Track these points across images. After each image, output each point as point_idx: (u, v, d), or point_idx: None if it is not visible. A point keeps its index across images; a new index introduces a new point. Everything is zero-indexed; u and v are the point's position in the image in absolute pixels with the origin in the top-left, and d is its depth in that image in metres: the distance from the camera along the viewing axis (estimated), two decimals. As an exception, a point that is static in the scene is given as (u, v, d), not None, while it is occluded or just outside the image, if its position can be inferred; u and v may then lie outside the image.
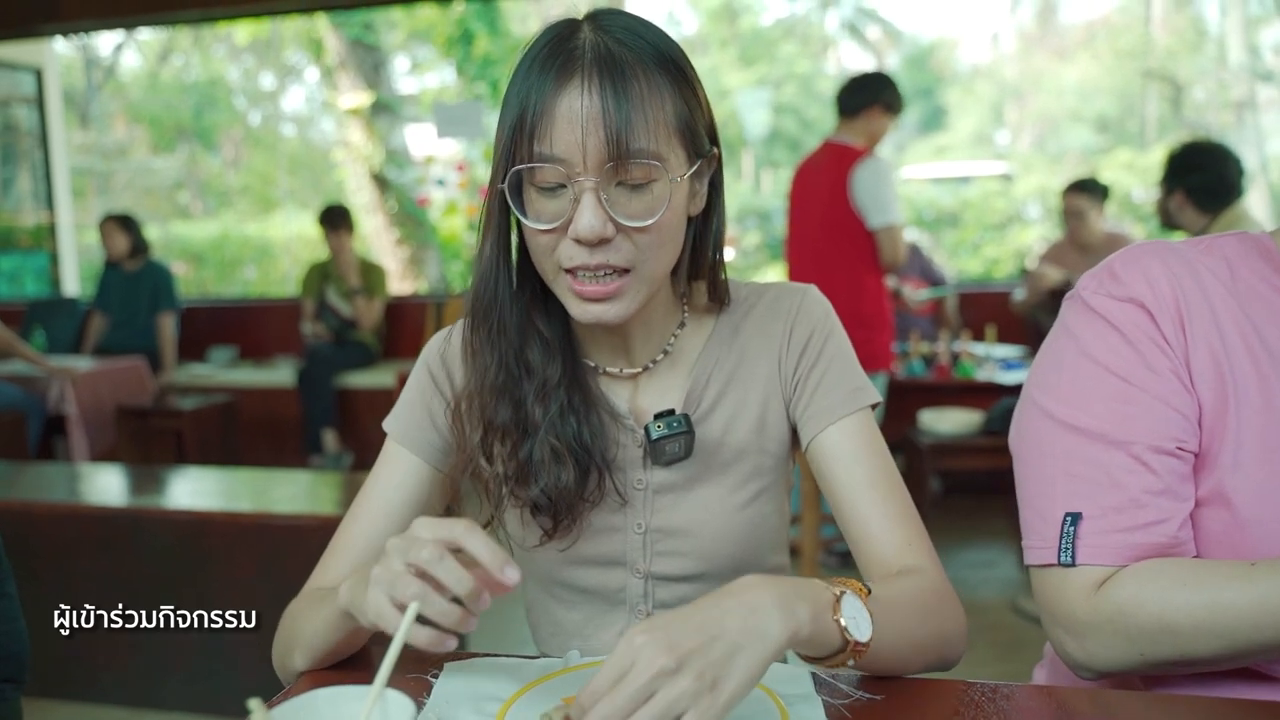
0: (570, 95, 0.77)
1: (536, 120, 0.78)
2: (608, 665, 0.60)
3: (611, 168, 0.77)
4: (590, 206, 0.77)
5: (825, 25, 14.09)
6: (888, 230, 3.08)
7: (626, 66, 0.77)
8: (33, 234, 6.61)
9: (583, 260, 0.79)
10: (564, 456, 0.87)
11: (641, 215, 0.79)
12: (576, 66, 0.77)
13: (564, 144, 0.77)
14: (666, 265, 0.84)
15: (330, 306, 4.91)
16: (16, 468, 3.15)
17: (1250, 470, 0.79)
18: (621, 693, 0.59)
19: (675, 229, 0.83)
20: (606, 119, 0.76)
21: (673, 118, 0.80)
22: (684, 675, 0.59)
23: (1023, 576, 3.20)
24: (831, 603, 0.70)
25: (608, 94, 0.76)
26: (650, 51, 0.80)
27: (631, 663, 0.59)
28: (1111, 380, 0.83)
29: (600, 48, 0.78)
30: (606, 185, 0.78)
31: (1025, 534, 0.87)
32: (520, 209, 0.81)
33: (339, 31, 8.98)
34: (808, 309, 0.94)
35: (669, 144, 0.80)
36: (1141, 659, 0.78)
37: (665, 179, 0.79)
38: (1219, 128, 10.32)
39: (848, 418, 0.91)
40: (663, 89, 0.79)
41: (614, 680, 0.59)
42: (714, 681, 0.60)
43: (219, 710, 2.38)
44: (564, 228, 0.79)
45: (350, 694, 0.64)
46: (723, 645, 0.61)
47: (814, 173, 3.26)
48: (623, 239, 0.79)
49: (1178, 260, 0.85)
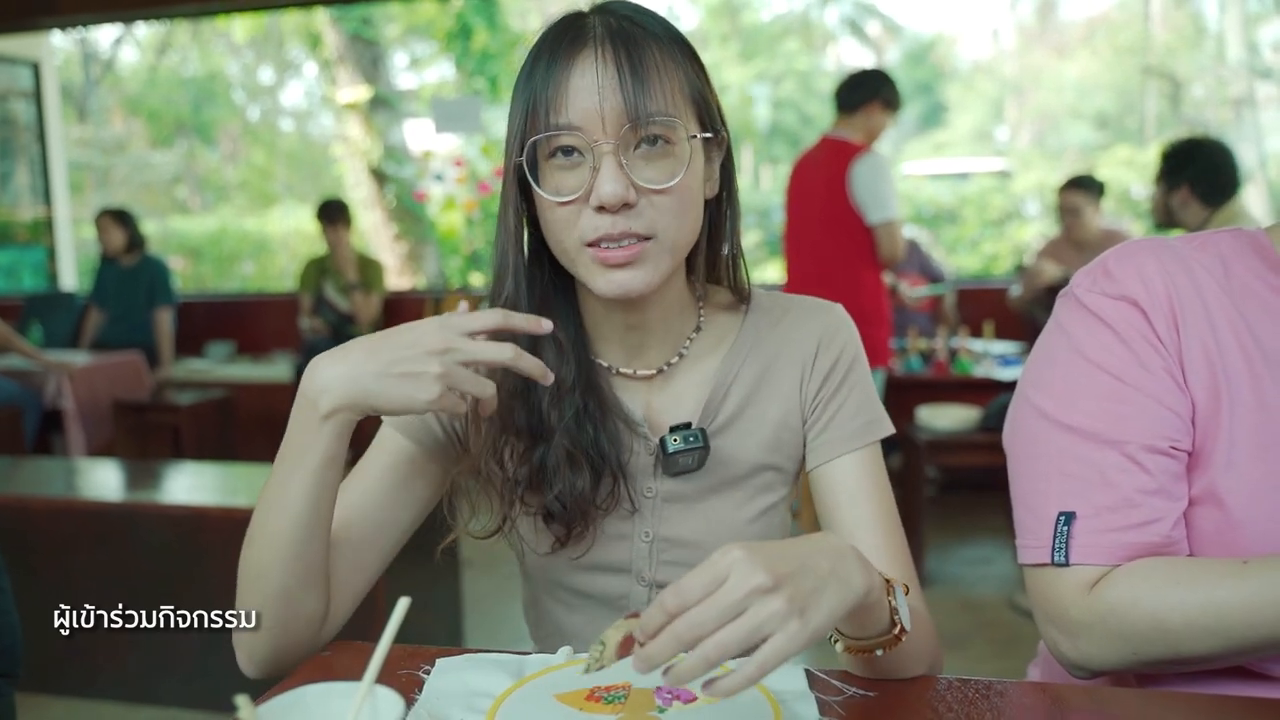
0: (583, 64, 0.78)
1: (552, 94, 0.78)
2: (697, 575, 0.59)
3: (629, 129, 0.77)
4: (611, 170, 0.77)
5: (825, 21, 14.07)
6: (886, 226, 3.08)
7: (639, 37, 0.79)
8: (30, 228, 6.60)
9: (605, 230, 0.78)
10: (579, 462, 0.86)
11: (661, 178, 0.79)
12: (588, 39, 0.79)
13: (580, 112, 0.77)
14: (688, 234, 0.83)
15: (328, 301, 4.91)
16: (13, 462, 3.15)
17: (1243, 470, 0.79)
18: (715, 604, 0.57)
19: (694, 195, 0.83)
20: (623, 82, 0.77)
21: (686, 85, 0.81)
22: (777, 596, 0.58)
23: (1019, 573, 3.20)
24: (885, 585, 0.71)
25: (622, 60, 0.77)
26: (661, 28, 0.82)
27: (726, 575, 0.58)
28: (1105, 379, 0.83)
29: (611, 24, 0.80)
30: (625, 150, 0.78)
31: (1019, 533, 0.87)
32: (538, 185, 0.81)
33: (338, 26, 8.96)
34: (837, 330, 0.93)
35: (684, 109, 0.81)
36: (1135, 658, 0.78)
37: (683, 140, 0.80)
38: (1218, 124, 10.31)
39: (858, 451, 0.91)
40: (675, 58, 0.81)
41: (705, 590, 0.58)
42: (803, 609, 0.59)
43: (214, 706, 2.38)
44: (584, 198, 0.79)
45: (340, 690, 0.63)
46: (814, 578, 0.61)
47: (812, 168, 3.26)
48: (644, 204, 0.79)
49: (1172, 257, 0.85)
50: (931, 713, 0.72)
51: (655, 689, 0.75)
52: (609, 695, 0.74)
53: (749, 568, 0.58)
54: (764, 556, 0.59)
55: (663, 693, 0.74)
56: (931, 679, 0.79)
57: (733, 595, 0.57)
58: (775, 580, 0.58)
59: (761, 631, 0.57)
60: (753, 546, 0.60)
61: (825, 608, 0.61)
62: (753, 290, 0.95)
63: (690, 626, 0.57)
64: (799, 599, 0.59)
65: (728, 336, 0.94)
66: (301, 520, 0.78)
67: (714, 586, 0.58)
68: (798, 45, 13.81)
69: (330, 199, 5.00)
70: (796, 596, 0.59)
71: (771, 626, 0.57)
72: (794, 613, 0.58)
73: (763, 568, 0.58)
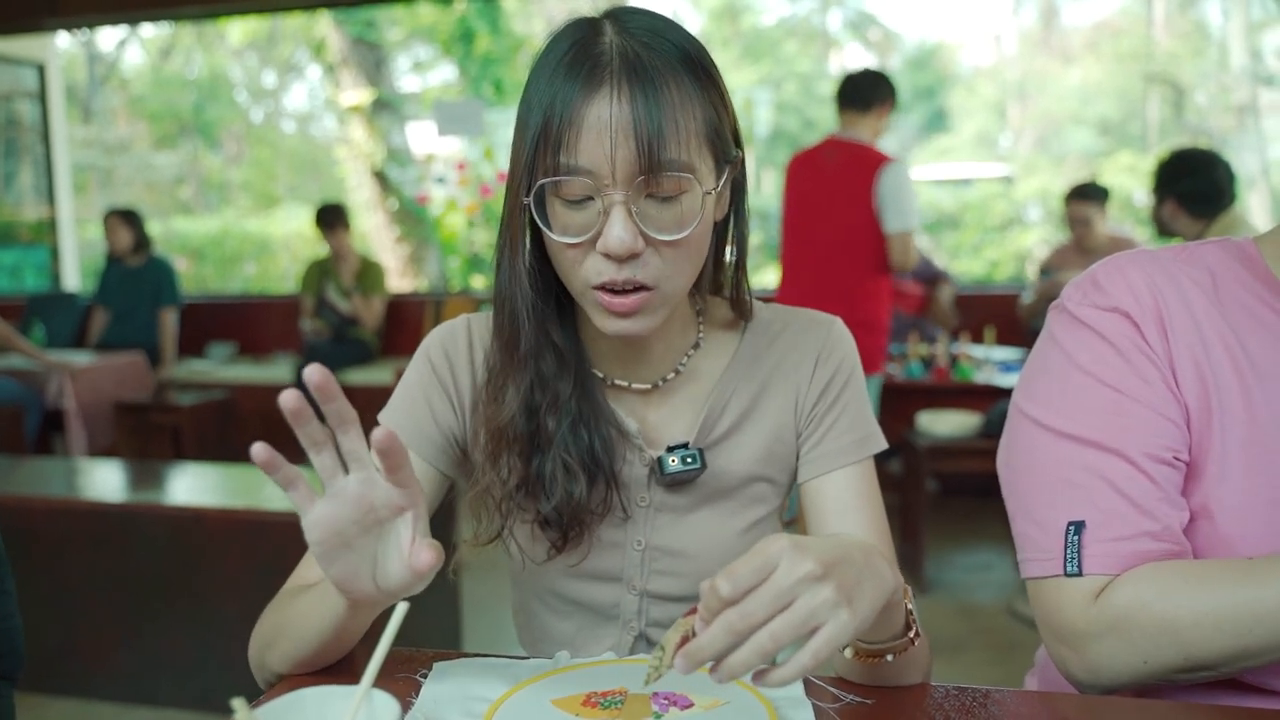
0: (599, 104, 0.74)
1: (563, 130, 0.75)
2: (747, 562, 0.58)
3: (642, 181, 0.75)
4: (620, 220, 0.75)
5: (828, 25, 14.08)
6: (903, 235, 3.03)
7: (656, 73, 0.74)
8: (33, 229, 6.61)
9: (610, 276, 0.77)
10: (575, 470, 0.86)
11: (672, 229, 0.77)
12: (604, 73, 0.74)
13: (592, 156, 0.74)
14: (691, 280, 0.83)
15: (329, 303, 4.91)
16: (14, 462, 3.15)
17: (1233, 483, 0.79)
18: (767, 591, 0.57)
19: (703, 243, 0.82)
20: (638, 130, 0.73)
21: (702, 125, 0.77)
22: (827, 584, 0.58)
23: (1018, 580, 3.20)
24: (904, 587, 0.72)
25: (638, 103, 0.73)
26: (677, 54, 0.77)
27: (776, 563, 0.58)
28: (1104, 391, 0.83)
29: (628, 53, 0.75)
30: (636, 198, 0.75)
31: (1022, 546, 0.85)
32: (545, 222, 0.79)
33: (341, 29, 8.97)
34: (835, 345, 0.93)
35: (699, 154, 0.77)
36: (1145, 667, 0.77)
37: (696, 191, 0.77)
38: (1221, 132, 10.30)
39: (851, 466, 0.91)
40: (692, 96, 0.77)
41: (758, 577, 0.57)
42: (850, 599, 0.59)
43: (211, 707, 2.38)
44: (591, 241, 0.77)
45: (338, 693, 0.63)
46: (855, 569, 0.61)
47: (824, 170, 3.17)
48: (651, 253, 0.77)
49: (1158, 270, 0.84)
50: (928, 720, 0.72)
51: (652, 695, 0.75)
52: (605, 700, 0.74)
53: (798, 555, 0.58)
54: (810, 546, 0.59)
55: (659, 698, 0.74)
56: (928, 686, 0.79)
57: (783, 583, 0.57)
58: (824, 568, 0.58)
59: (813, 620, 0.57)
60: (795, 537, 0.60)
61: (868, 599, 0.61)
62: (753, 304, 0.94)
63: (743, 616, 0.57)
64: (846, 588, 0.59)
65: (726, 353, 0.94)
66: (317, 641, 0.79)
67: (764, 574, 0.58)
68: (800, 49, 13.82)
69: (326, 204, 5.01)
70: (844, 585, 0.59)
71: (823, 615, 0.57)
72: (843, 601, 0.58)
73: (812, 556, 0.58)
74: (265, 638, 0.83)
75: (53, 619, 2.50)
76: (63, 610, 2.50)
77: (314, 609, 0.77)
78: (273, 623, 0.83)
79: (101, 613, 2.48)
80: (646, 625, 0.93)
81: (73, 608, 2.50)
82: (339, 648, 0.80)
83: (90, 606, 2.48)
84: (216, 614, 2.35)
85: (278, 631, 0.81)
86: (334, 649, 0.80)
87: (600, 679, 0.78)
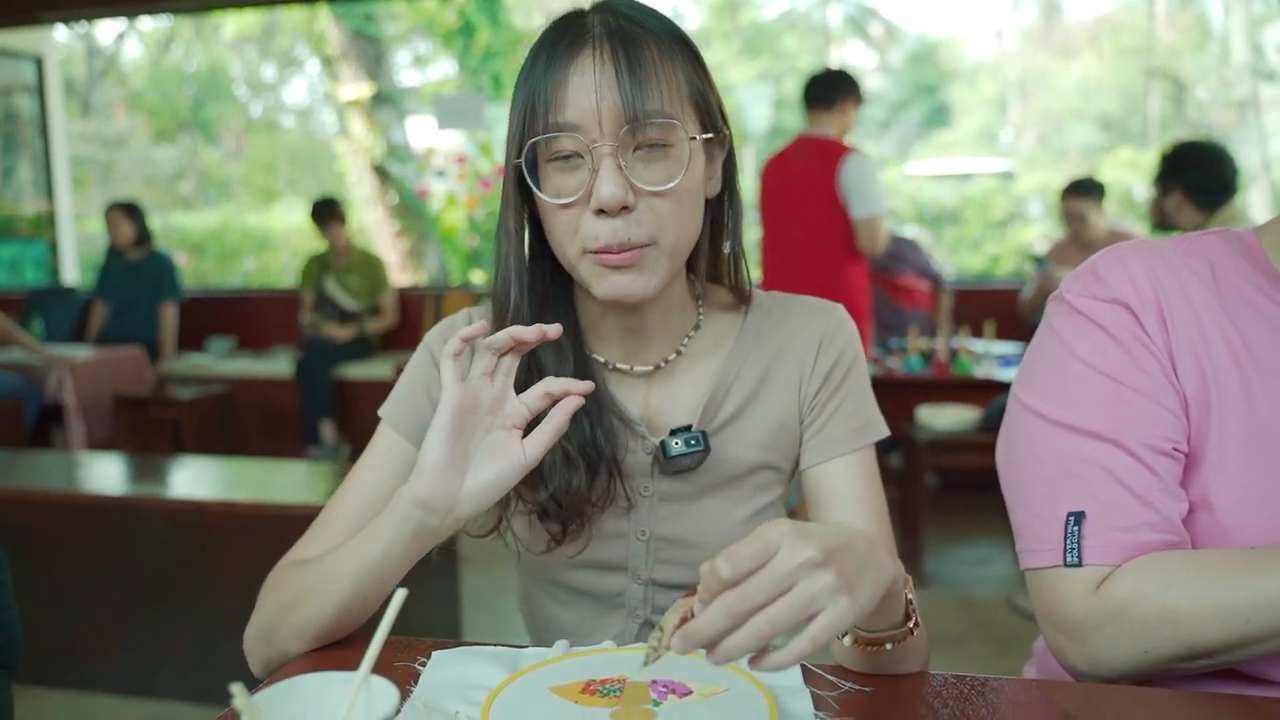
0: (582, 64, 0.78)
1: (550, 94, 0.78)
2: (748, 545, 0.58)
3: (628, 131, 0.77)
4: (610, 172, 0.77)
5: (828, 20, 14.05)
6: (870, 220, 3.18)
7: (638, 36, 0.79)
8: (32, 223, 6.60)
9: (605, 240, 0.79)
10: (575, 460, 0.86)
11: (661, 180, 0.79)
12: (587, 39, 0.78)
13: (579, 111, 0.77)
14: (688, 237, 0.83)
15: (329, 297, 4.91)
16: (13, 455, 3.15)
17: (1233, 474, 0.79)
18: (767, 575, 0.56)
19: (694, 196, 0.82)
20: (621, 82, 0.77)
21: (685, 85, 0.81)
22: (827, 571, 0.57)
23: (1018, 574, 3.20)
24: (904, 577, 0.72)
25: (620, 59, 0.77)
26: (661, 26, 0.81)
27: (777, 548, 0.58)
28: (1103, 381, 0.83)
29: (610, 24, 0.79)
30: (624, 151, 0.78)
31: (1022, 537, 0.85)
32: (538, 186, 0.81)
33: (340, 23, 8.95)
34: (838, 331, 0.93)
35: (683, 108, 0.80)
36: (1146, 657, 0.77)
37: (683, 141, 0.79)
38: (1222, 127, 10.28)
39: (854, 453, 0.91)
40: (675, 57, 0.80)
41: (758, 560, 0.57)
42: (850, 586, 0.59)
43: (210, 700, 2.38)
44: (584, 200, 0.79)
45: (336, 679, 0.63)
46: (857, 557, 0.61)
47: (792, 168, 3.31)
48: (644, 209, 0.79)
49: (1158, 260, 0.84)
50: (926, 708, 0.73)
51: (650, 682, 0.75)
52: (604, 688, 0.74)
53: (800, 540, 0.58)
54: (811, 532, 0.59)
55: (657, 686, 0.74)
56: (926, 674, 0.79)
57: (783, 567, 0.57)
58: (825, 555, 0.58)
59: (812, 606, 0.57)
60: (798, 523, 0.60)
61: (868, 587, 0.61)
62: (753, 290, 0.94)
63: (742, 599, 0.57)
64: (846, 575, 0.59)
65: (728, 336, 0.94)
66: (358, 592, 0.79)
67: (765, 558, 0.58)
68: (800, 44, 13.79)
69: (320, 199, 5.00)
70: (844, 573, 0.59)
71: (822, 601, 0.57)
72: (842, 588, 0.58)
73: (813, 542, 0.58)
74: (279, 610, 0.82)
75: (52, 612, 2.50)
76: (63, 603, 2.50)
77: (349, 559, 0.78)
78: (294, 589, 0.82)
79: (101, 606, 2.48)
80: (652, 613, 0.93)
81: (72, 601, 2.50)
82: (364, 608, 0.80)
83: (90, 599, 2.49)
84: (216, 607, 2.35)
85: (298, 598, 0.81)
86: (360, 609, 0.80)
87: (599, 667, 0.78)
